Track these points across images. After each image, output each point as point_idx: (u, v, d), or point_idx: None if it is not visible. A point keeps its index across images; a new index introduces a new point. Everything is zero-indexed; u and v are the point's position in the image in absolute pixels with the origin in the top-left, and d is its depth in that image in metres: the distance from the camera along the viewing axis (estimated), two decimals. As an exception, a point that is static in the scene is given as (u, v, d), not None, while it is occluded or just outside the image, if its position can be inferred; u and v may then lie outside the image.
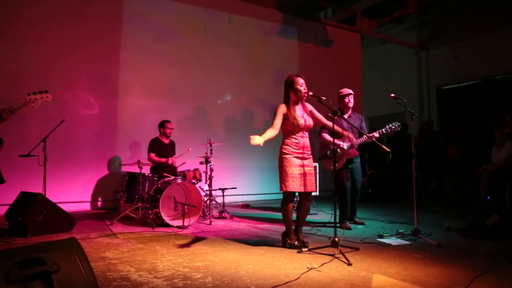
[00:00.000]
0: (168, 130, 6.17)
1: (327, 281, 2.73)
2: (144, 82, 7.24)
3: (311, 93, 3.80)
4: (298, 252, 3.56)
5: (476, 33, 9.62)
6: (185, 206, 4.99)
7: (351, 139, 4.66)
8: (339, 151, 4.85)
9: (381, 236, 4.26)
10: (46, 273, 1.80)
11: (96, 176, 6.74)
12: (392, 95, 4.48)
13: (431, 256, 3.44)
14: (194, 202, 5.15)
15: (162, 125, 6.17)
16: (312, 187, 3.81)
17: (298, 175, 3.73)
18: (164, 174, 5.56)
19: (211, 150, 6.00)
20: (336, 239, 3.48)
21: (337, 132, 4.02)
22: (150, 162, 5.97)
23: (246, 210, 6.86)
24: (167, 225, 4.95)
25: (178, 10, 7.64)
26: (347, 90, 5.08)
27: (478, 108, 9.33)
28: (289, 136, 3.81)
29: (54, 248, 1.93)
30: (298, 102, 3.88)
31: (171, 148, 6.23)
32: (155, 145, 6.06)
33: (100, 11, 6.85)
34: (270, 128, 3.74)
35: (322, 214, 6.09)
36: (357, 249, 3.64)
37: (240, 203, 7.50)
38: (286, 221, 3.85)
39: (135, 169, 5.51)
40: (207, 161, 5.90)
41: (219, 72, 8.03)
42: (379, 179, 8.32)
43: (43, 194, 4.58)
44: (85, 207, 6.56)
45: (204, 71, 7.86)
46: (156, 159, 5.96)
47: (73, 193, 6.46)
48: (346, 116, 5.02)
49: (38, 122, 6.14)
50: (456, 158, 8.03)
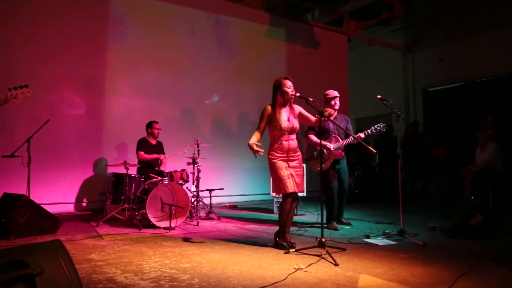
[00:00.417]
0: (156, 131, 6.12)
1: (314, 282, 2.74)
2: (131, 82, 7.17)
3: (298, 94, 3.83)
4: (285, 253, 3.57)
5: (461, 36, 9.79)
6: (172, 207, 4.96)
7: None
8: (326, 152, 4.87)
9: (368, 237, 4.30)
10: (29, 276, 1.76)
11: (82, 177, 6.64)
12: (379, 97, 4.53)
13: (417, 256, 3.48)
14: (181, 203, 5.13)
15: (150, 126, 6.12)
16: (302, 188, 3.87)
17: (289, 176, 3.77)
18: (151, 175, 5.52)
19: (198, 151, 5.98)
20: (323, 240, 3.51)
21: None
22: (140, 161, 5.88)
23: (234, 211, 6.85)
24: (154, 226, 4.91)
25: (166, 10, 7.58)
26: (333, 93, 5.10)
27: (463, 110, 9.47)
28: (274, 140, 3.86)
29: (38, 250, 1.89)
30: (286, 105, 3.90)
31: (159, 149, 6.18)
32: (144, 145, 6.01)
33: (87, 11, 6.76)
34: (256, 131, 3.86)
35: (309, 215, 6.12)
36: (344, 250, 3.67)
37: (228, 204, 7.49)
38: (282, 221, 3.86)
39: (122, 170, 5.45)
40: (194, 162, 5.89)
41: (207, 73, 8.00)
42: (366, 180, 8.39)
43: (27, 196, 4.51)
44: (70, 209, 6.46)
45: (192, 72, 7.83)
46: (147, 156, 5.90)
47: (58, 194, 6.35)
48: (332, 118, 5.04)
49: (23, 122, 6.03)
50: (441, 159, 8.13)
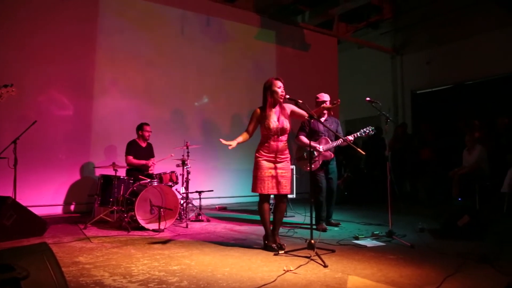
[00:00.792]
0: (147, 133, 6.03)
1: (303, 283, 2.75)
2: (120, 83, 7.11)
3: (288, 96, 3.83)
4: (275, 255, 3.57)
5: (448, 40, 9.92)
6: (161, 209, 4.92)
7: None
8: (316, 153, 4.90)
9: (357, 238, 4.32)
10: (15, 280, 1.74)
11: (70, 179, 6.55)
12: (368, 99, 4.56)
13: (405, 257, 3.50)
14: (171, 205, 5.10)
15: (141, 128, 6.04)
16: (286, 190, 3.85)
17: (268, 177, 3.78)
18: (140, 177, 5.48)
19: (188, 153, 5.95)
20: (312, 241, 3.52)
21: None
22: (128, 165, 5.81)
23: (223, 213, 6.82)
24: (143, 229, 4.87)
25: (155, 11, 7.55)
26: (324, 97, 5.12)
27: (451, 112, 9.60)
28: (263, 139, 3.89)
29: (24, 254, 1.88)
30: (275, 105, 3.90)
31: (149, 151, 6.11)
32: (133, 148, 5.93)
33: (75, 11, 6.69)
34: (244, 132, 3.90)
35: (299, 216, 6.12)
36: (333, 251, 3.68)
37: (217, 206, 7.47)
38: (263, 223, 3.89)
39: (110, 172, 5.39)
40: (184, 164, 5.86)
41: (196, 74, 7.98)
42: (355, 182, 8.44)
43: (13, 198, 4.45)
44: (58, 211, 6.37)
45: (181, 73, 7.80)
46: (135, 162, 5.84)
47: (45, 197, 6.26)
48: (323, 120, 5.07)
49: (9, 123, 5.94)
50: (430, 161, 8.21)
